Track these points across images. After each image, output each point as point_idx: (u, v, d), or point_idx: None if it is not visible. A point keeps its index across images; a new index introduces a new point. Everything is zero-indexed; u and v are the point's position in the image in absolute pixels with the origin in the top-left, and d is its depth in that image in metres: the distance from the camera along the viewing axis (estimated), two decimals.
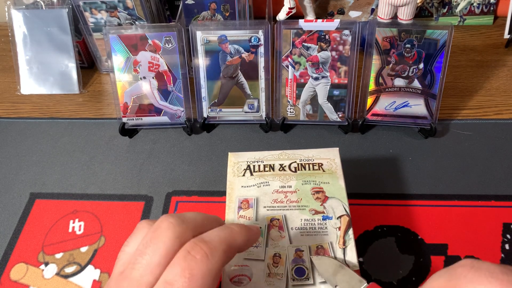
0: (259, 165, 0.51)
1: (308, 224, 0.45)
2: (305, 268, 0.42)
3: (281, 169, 0.51)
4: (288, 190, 0.48)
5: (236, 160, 0.52)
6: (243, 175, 0.51)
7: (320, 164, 0.51)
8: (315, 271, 0.42)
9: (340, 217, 0.46)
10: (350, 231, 0.45)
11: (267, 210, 0.47)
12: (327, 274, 0.42)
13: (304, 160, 0.51)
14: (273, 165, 0.51)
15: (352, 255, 0.43)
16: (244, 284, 0.42)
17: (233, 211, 0.48)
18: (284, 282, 0.41)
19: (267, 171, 0.51)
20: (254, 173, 0.51)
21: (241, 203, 0.48)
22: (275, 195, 0.48)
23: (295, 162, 0.51)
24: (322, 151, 0.52)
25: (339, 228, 0.45)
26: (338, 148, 0.52)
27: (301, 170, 0.50)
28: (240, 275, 0.42)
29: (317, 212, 0.46)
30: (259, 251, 0.44)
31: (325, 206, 0.46)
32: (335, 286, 0.41)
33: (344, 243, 0.44)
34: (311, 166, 0.50)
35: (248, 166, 0.51)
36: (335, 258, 0.43)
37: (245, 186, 0.50)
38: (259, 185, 0.49)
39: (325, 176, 0.49)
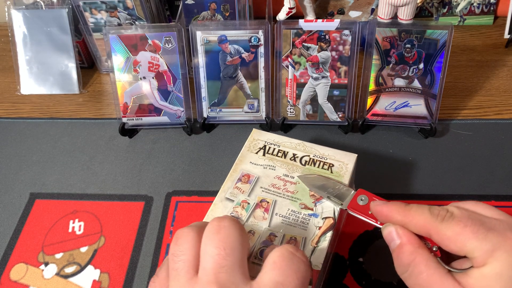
0: (274, 149, 0.53)
1: (293, 215, 0.46)
2: None
3: (292, 158, 0.52)
4: (290, 180, 0.49)
5: (257, 138, 0.54)
6: (256, 153, 0.52)
7: (330, 165, 0.51)
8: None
9: (325, 218, 0.46)
10: (329, 234, 0.45)
11: (262, 191, 0.48)
12: (316, 188, 0.47)
13: (318, 156, 0.52)
14: (287, 153, 0.52)
15: (319, 255, 0.43)
16: None
17: (233, 180, 0.50)
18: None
19: (279, 156, 0.52)
20: (266, 154, 0.52)
21: (242, 176, 0.50)
22: (275, 180, 0.49)
23: (308, 156, 0.52)
24: (340, 153, 0.52)
25: (320, 228, 0.45)
26: (356, 155, 0.52)
27: (310, 165, 0.51)
28: None
29: (306, 208, 0.47)
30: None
31: (316, 205, 0.47)
32: (327, 197, 0.46)
33: (318, 242, 0.44)
34: (321, 164, 0.51)
35: (265, 146, 0.53)
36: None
37: (253, 163, 0.51)
38: (265, 167, 0.51)
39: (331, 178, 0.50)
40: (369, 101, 0.67)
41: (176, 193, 0.63)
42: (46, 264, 0.56)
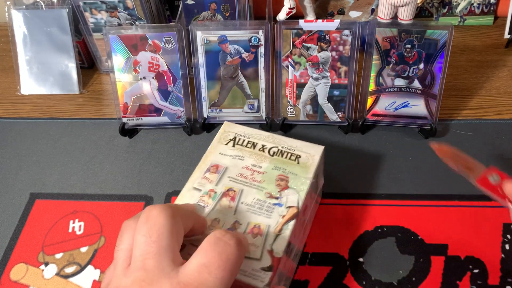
0: (243, 140, 0.54)
1: (258, 203, 0.47)
2: None
3: (261, 149, 0.53)
4: (257, 170, 0.50)
5: (228, 130, 0.55)
6: (226, 144, 0.53)
7: (298, 156, 0.52)
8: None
9: (289, 207, 0.47)
10: (292, 223, 0.46)
11: (230, 180, 0.49)
12: (451, 159, 0.50)
13: (285, 148, 0.53)
14: (256, 144, 0.53)
15: (281, 243, 0.44)
16: None
17: (201, 171, 0.51)
18: None
19: (248, 147, 0.53)
20: (236, 146, 0.53)
21: (211, 166, 0.51)
22: (243, 170, 0.50)
23: (277, 147, 0.53)
24: (307, 145, 0.53)
25: (283, 216, 0.46)
26: (323, 147, 0.53)
27: (278, 156, 0.52)
28: None
29: (271, 197, 0.48)
30: (203, 211, 0.47)
31: (281, 194, 0.48)
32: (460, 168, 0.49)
33: (280, 230, 0.45)
34: (288, 155, 0.52)
35: (235, 138, 0.54)
36: (265, 241, 0.45)
37: (222, 154, 0.52)
38: (234, 157, 0.52)
39: (297, 168, 0.50)
40: (369, 101, 0.67)
41: (176, 193, 0.63)
42: (46, 264, 0.56)
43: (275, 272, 0.42)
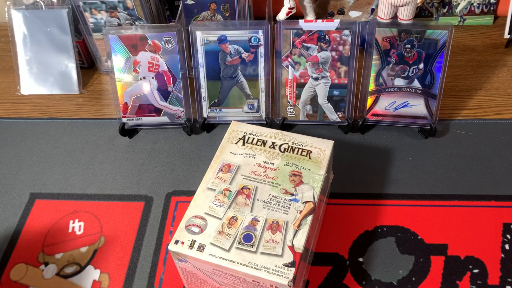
0: (253, 138, 0.54)
1: (274, 200, 0.48)
2: (254, 236, 0.45)
3: (271, 146, 0.53)
4: (270, 166, 0.51)
5: (236, 129, 0.56)
6: (236, 143, 0.54)
7: (309, 152, 0.52)
8: (261, 243, 0.45)
9: (306, 202, 0.47)
10: (310, 217, 0.46)
11: (243, 178, 0.50)
12: None
13: (296, 144, 0.53)
14: (266, 141, 0.54)
15: (301, 238, 0.45)
16: (195, 233, 0.45)
17: (214, 171, 0.51)
18: (229, 242, 0.45)
19: (258, 145, 0.53)
20: (246, 144, 0.54)
21: (223, 166, 0.52)
22: (256, 167, 0.51)
23: (287, 144, 0.53)
24: (317, 140, 0.54)
25: (301, 211, 0.47)
26: (333, 142, 0.53)
27: (289, 152, 0.52)
28: (194, 225, 0.46)
29: (287, 192, 0.48)
30: (220, 210, 0.47)
31: (296, 189, 0.49)
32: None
33: (299, 226, 0.46)
34: (299, 151, 0.52)
35: (244, 136, 0.55)
36: (284, 237, 0.45)
37: (233, 153, 0.53)
38: (246, 155, 0.52)
39: (309, 163, 0.51)
40: (369, 101, 0.67)
41: (176, 193, 0.63)
42: (46, 264, 0.56)
43: (297, 267, 0.43)
